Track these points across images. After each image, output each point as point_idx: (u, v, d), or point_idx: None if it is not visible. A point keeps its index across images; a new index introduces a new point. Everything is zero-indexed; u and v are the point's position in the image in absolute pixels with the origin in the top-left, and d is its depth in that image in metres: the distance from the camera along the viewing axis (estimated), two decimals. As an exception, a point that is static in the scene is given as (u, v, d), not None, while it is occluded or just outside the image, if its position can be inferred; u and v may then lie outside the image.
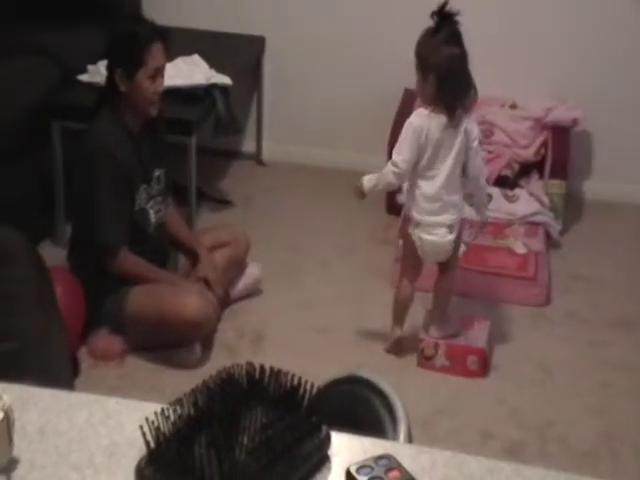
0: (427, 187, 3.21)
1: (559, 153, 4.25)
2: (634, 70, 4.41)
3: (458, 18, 3.07)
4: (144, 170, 3.38)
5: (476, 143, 3.20)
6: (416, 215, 3.24)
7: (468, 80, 3.13)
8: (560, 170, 4.22)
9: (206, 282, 3.48)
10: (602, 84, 4.44)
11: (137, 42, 3.26)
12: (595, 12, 4.36)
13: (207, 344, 3.43)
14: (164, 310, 3.30)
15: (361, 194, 3.27)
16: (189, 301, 3.31)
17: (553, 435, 3.12)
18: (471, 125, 3.19)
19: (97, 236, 3.30)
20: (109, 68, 3.33)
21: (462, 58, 3.12)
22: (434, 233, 3.24)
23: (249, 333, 3.55)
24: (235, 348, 3.46)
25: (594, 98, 4.39)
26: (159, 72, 3.32)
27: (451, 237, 3.25)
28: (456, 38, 3.10)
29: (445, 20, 3.07)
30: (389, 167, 3.20)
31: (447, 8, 3.05)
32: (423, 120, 3.14)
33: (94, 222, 3.29)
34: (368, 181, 3.25)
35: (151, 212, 3.44)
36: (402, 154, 3.16)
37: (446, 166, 3.18)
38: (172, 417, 1.38)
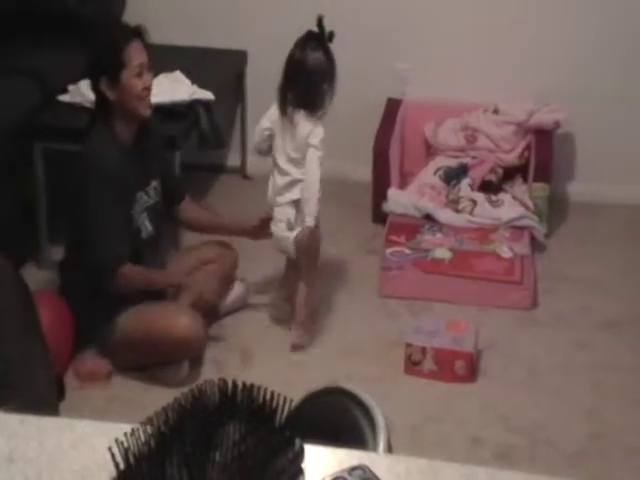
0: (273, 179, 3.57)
1: (542, 156, 4.26)
2: (614, 70, 4.42)
3: None
4: (139, 182, 3.37)
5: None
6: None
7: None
8: (544, 173, 4.23)
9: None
10: (583, 85, 4.45)
11: (114, 45, 3.24)
12: (575, 15, 4.38)
13: (196, 362, 3.42)
14: (154, 330, 3.30)
15: None
16: (179, 320, 3.31)
17: (543, 438, 3.12)
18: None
19: (98, 256, 3.26)
20: (94, 83, 3.30)
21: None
22: (276, 225, 3.49)
23: (237, 348, 3.55)
24: (223, 363, 3.45)
25: (575, 100, 4.40)
26: (143, 68, 3.28)
27: (290, 234, 3.45)
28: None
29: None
30: None
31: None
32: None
33: (95, 242, 3.26)
34: None
35: (146, 223, 3.42)
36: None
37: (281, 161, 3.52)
38: (142, 437, 1.37)
